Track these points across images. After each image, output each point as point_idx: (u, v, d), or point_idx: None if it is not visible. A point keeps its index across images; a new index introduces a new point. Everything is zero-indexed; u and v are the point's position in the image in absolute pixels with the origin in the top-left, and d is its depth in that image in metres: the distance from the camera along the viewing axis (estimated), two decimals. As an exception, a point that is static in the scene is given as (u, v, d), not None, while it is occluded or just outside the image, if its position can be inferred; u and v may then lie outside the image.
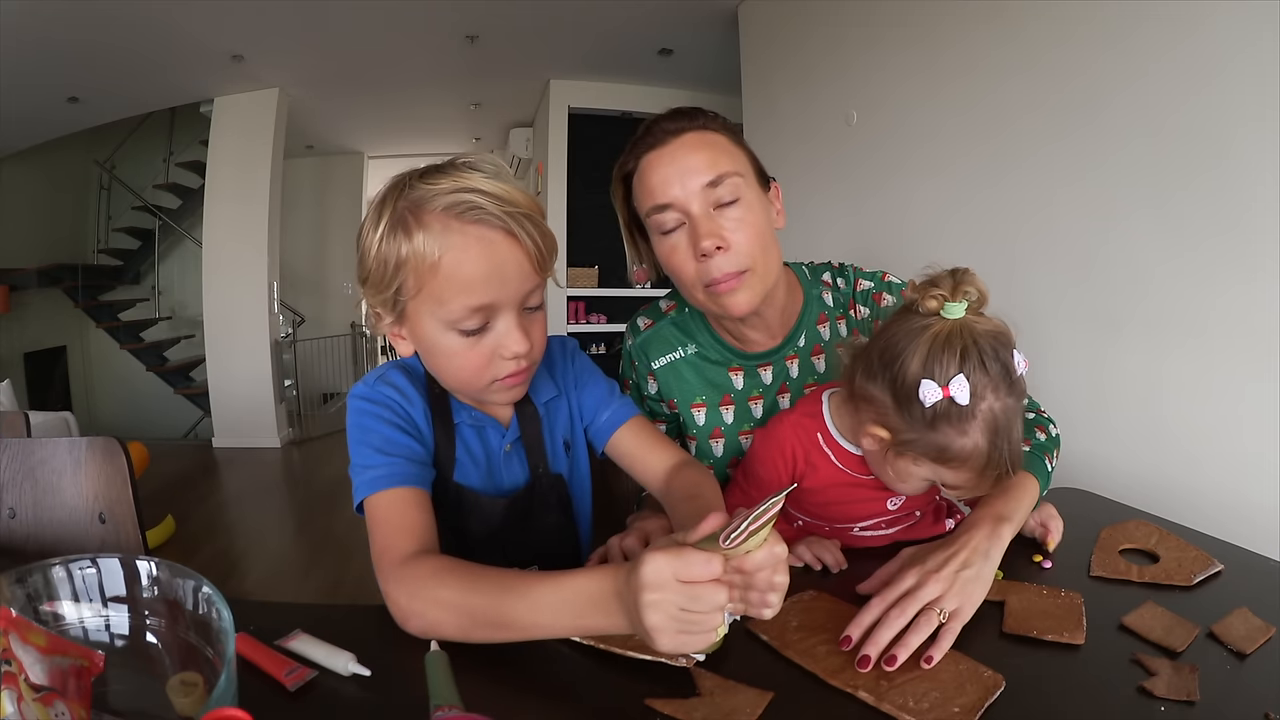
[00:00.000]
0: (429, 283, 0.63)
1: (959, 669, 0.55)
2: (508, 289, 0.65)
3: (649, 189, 0.82)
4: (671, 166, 0.80)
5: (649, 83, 4.58)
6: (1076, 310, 1.63)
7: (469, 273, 0.63)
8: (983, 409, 0.62)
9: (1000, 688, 0.52)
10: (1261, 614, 0.61)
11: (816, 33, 2.76)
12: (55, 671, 0.43)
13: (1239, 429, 1.30)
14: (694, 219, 0.80)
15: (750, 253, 0.81)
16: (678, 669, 0.55)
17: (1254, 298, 1.26)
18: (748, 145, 0.87)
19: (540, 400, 0.79)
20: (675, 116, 0.83)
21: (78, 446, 0.91)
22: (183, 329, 5.95)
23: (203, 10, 3.25)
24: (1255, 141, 1.25)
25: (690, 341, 0.95)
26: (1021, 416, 0.66)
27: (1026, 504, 0.74)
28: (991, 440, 0.63)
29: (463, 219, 0.63)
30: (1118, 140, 1.53)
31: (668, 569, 0.46)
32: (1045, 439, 0.83)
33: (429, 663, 0.53)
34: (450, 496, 0.73)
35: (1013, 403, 0.64)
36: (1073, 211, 1.65)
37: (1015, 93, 1.82)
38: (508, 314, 0.66)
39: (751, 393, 0.93)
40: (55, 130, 4.70)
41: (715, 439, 0.93)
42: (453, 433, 0.74)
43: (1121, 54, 1.52)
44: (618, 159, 0.88)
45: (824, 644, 0.59)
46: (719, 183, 0.79)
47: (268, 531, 3.28)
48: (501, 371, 0.68)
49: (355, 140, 6.49)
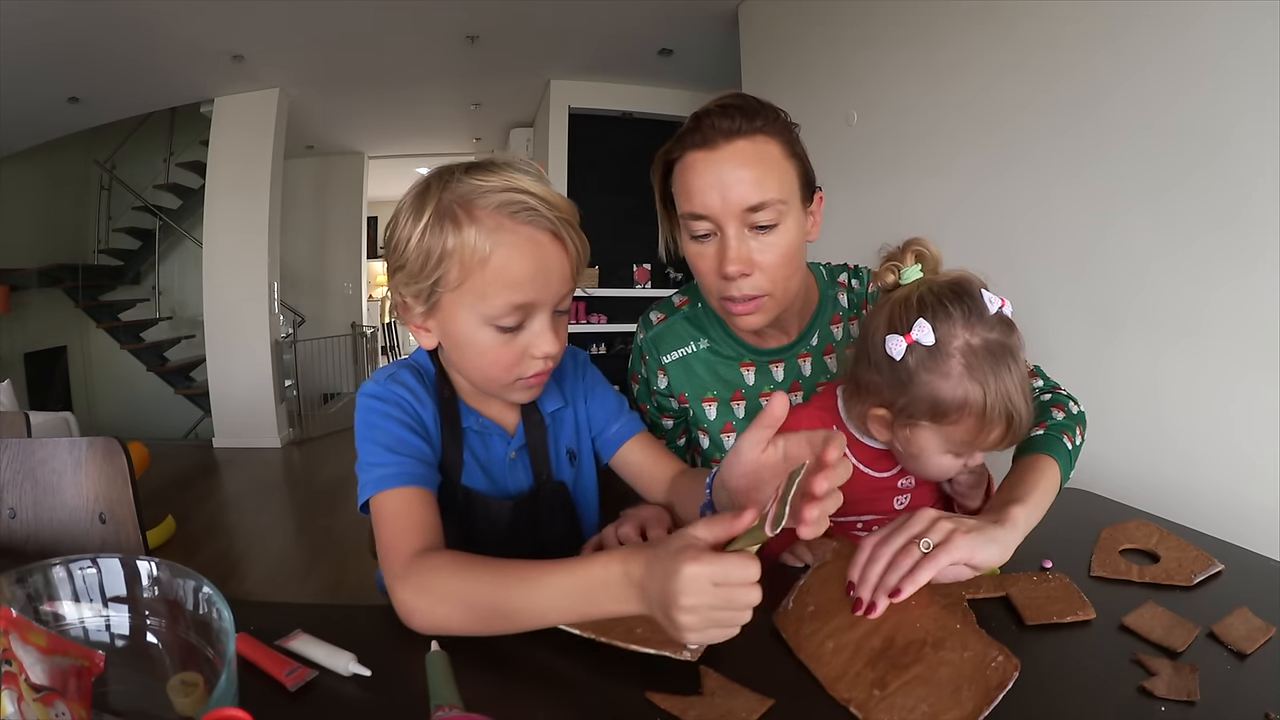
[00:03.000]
0: (474, 276, 0.64)
1: (963, 657, 0.52)
2: (549, 290, 0.66)
3: (688, 191, 0.79)
4: (716, 176, 0.77)
5: (649, 83, 4.58)
6: (1075, 308, 1.63)
7: (517, 271, 0.64)
8: (957, 346, 0.63)
9: (1009, 682, 0.50)
10: (1261, 614, 0.61)
11: (816, 33, 2.76)
12: (55, 671, 0.43)
13: (1239, 428, 1.30)
14: (726, 237, 0.78)
15: (773, 280, 0.80)
16: (680, 663, 0.55)
17: (1252, 294, 1.26)
18: (802, 149, 0.83)
19: (546, 410, 0.79)
20: (730, 114, 0.77)
21: (78, 446, 0.91)
22: (183, 329, 5.96)
23: (203, 10, 3.25)
24: (1252, 136, 1.25)
25: (703, 336, 0.95)
26: (1019, 357, 0.66)
27: (1044, 486, 0.70)
28: (981, 380, 0.63)
29: (515, 218, 0.64)
30: (1115, 137, 1.53)
31: (705, 577, 0.47)
32: (1064, 417, 0.79)
33: (429, 663, 0.53)
34: (459, 500, 0.73)
35: (995, 338, 0.64)
36: (1070, 208, 1.65)
37: (1013, 91, 1.82)
38: (543, 315, 0.67)
39: (763, 388, 0.94)
40: (55, 130, 4.70)
41: (727, 433, 0.94)
42: (461, 436, 0.74)
43: (1117, 51, 1.52)
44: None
45: (831, 638, 0.58)
46: (761, 208, 0.77)
47: (268, 532, 3.28)
48: (528, 371, 0.69)
49: (355, 140, 6.49)
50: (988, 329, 0.64)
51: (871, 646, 0.56)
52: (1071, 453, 0.78)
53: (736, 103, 0.79)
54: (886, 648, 0.56)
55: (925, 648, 0.54)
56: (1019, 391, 0.65)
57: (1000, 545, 0.62)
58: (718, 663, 0.55)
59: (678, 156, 0.81)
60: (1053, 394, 0.86)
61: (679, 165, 0.81)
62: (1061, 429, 0.78)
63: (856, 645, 0.56)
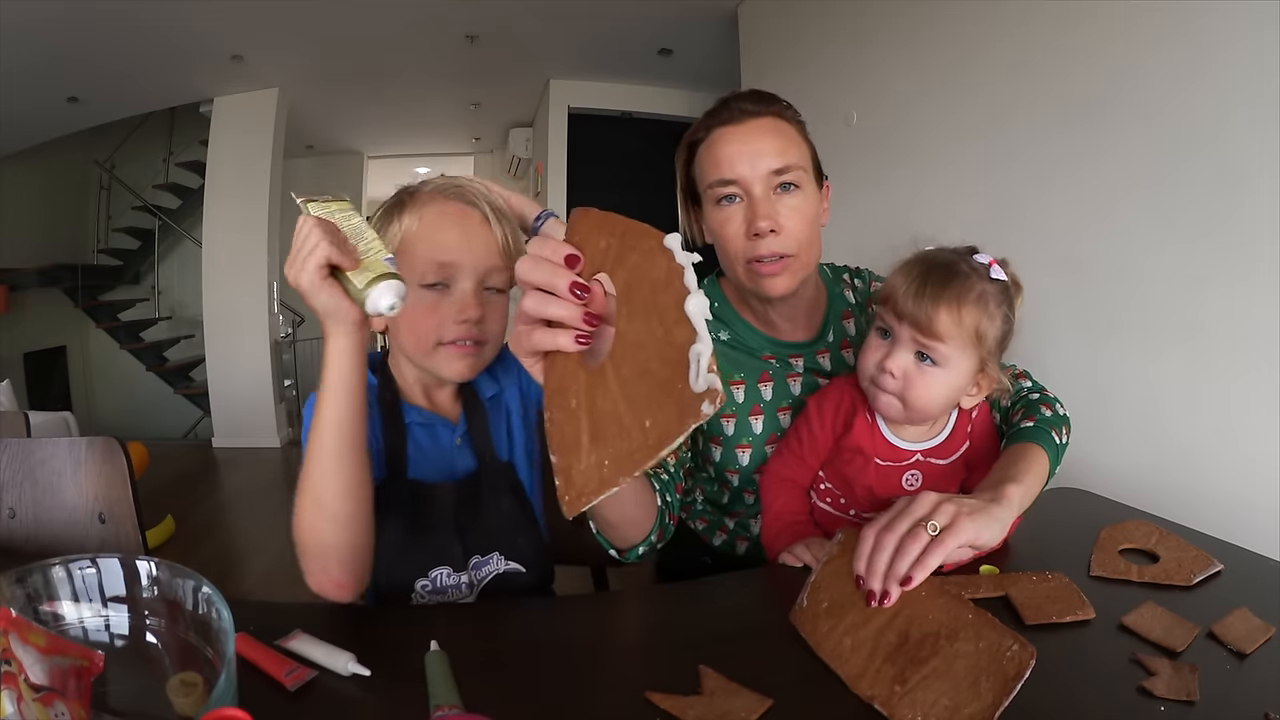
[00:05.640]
0: (408, 244, 0.74)
1: (978, 648, 0.52)
2: (472, 256, 0.74)
3: (716, 161, 0.85)
4: (744, 145, 0.84)
5: (649, 82, 4.58)
6: (1075, 308, 1.63)
7: (440, 235, 0.74)
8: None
9: (1026, 671, 0.49)
10: (1261, 614, 0.61)
11: (816, 33, 2.76)
12: (55, 671, 0.43)
13: (1238, 428, 1.30)
14: (754, 198, 0.84)
15: (798, 240, 0.85)
16: (680, 662, 0.55)
17: (1251, 294, 1.26)
18: (811, 141, 0.90)
19: (484, 395, 0.83)
20: (754, 98, 0.86)
21: (78, 446, 0.91)
22: (183, 329, 5.95)
23: (203, 10, 3.25)
24: (1252, 136, 1.25)
25: (724, 329, 0.96)
26: (985, 298, 0.72)
27: (1036, 471, 0.73)
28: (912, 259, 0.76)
29: (446, 195, 0.76)
30: (1114, 137, 1.53)
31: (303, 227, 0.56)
32: (1051, 415, 0.83)
33: (429, 663, 0.53)
34: (405, 493, 0.75)
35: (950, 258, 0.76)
36: (1070, 208, 1.65)
37: (1012, 91, 1.82)
38: (467, 282, 0.74)
39: (788, 372, 0.96)
40: (55, 130, 4.69)
41: (755, 416, 0.94)
42: (404, 432, 0.77)
43: (1117, 51, 1.52)
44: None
45: (848, 635, 0.58)
46: (785, 171, 0.83)
47: (267, 531, 3.28)
48: (449, 335, 0.74)
49: (355, 140, 6.48)
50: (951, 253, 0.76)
51: (888, 641, 0.56)
52: (1060, 448, 0.79)
53: (761, 93, 0.88)
54: (902, 642, 0.55)
55: (940, 640, 0.54)
56: (958, 305, 0.71)
57: (1001, 524, 0.64)
58: (718, 663, 0.56)
59: (703, 136, 0.88)
60: (1041, 394, 0.88)
61: (705, 143, 0.87)
62: (1050, 425, 0.80)
63: (874, 641, 0.56)
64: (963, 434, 0.82)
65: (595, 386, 0.45)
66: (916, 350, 0.74)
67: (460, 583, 0.77)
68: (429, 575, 0.75)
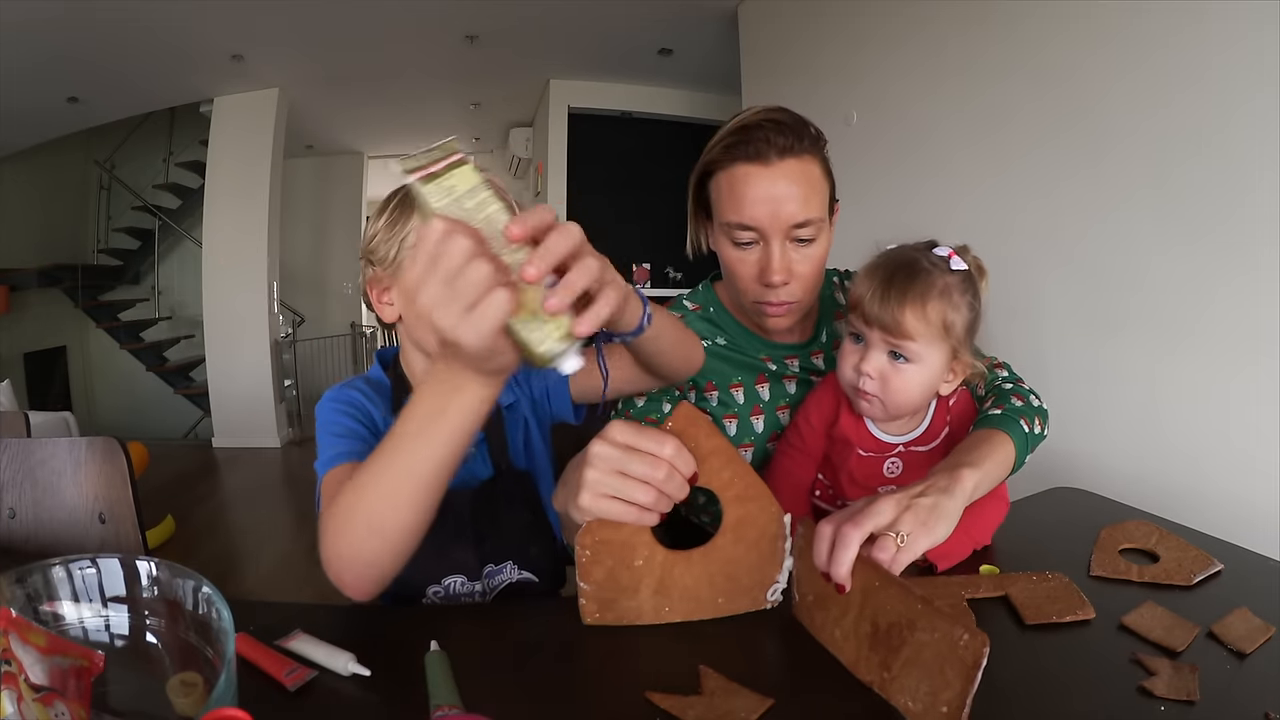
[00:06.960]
0: None
1: (935, 639, 0.51)
2: None
3: (738, 201, 0.83)
4: (768, 191, 0.81)
5: (649, 83, 4.58)
6: (1076, 307, 1.63)
7: None
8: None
9: (983, 659, 0.47)
10: (1261, 614, 0.61)
11: (816, 33, 2.76)
12: (55, 671, 0.43)
13: (1239, 428, 1.30)
14: (770, 246, 0.83)
15: (805, 288, 0.86)
16: (680, 662, 0.55)
17: (1252, 294, 1.26)
18: (831, 170, 0.88)
19: (501, 403, 0.82)
20: (784, 131, 0.80)
21: (78, 446, 0.91)
22: (183, 329, 5.95)
23: (202, 10, 3.25)
24: (1253, 136, 1.25)
25: (720, 333, 0.97)
26: (943, 286, 0.74)
27: (997, 458, 0.71)
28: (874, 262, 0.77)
29: None
30: (1115, 136, 1.53)
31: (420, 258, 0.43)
32: (1023, 405, 0.81)
33: (429, 663, 0.53)
34: None
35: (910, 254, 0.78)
36: (1070, 208, 1.65)
37: (1012, 91, 1.82)
38: None
39: (784, 373, 0.97)
40: (55, 130, 4.69)
41: (756, 416, 0.95)
42: None
43: (1118, 51, 1.52)
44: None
45: (837, 625, 0.58)
46: (806, 225, 0.82)
47: (268, 531, 3.28)
48: None
49: (355, 140, 6.49)
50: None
51: (865, 631, 0.56)
52: (1029, 437, 0.77)
53: (785, 119, 0.82)
54: (875, 631, 0.56)
55: (904, 630, 0.54)
56: (903, 296, 0.73)
57: (950, 519, 0.62)
58: (718, 663, 0.56)
59: (726, 165, 0.83)
60: (1014, 385, 0.87)
61: (725, 174, 0.84)
62: (1020, 414, 0.78)
63: (855, 631, 0.57)
64: (942, 420, 0.83)
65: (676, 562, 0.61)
66: (889, 350, 0.76)
67: (473, 591, 0.76)
68: (442, 583, 0.75)
